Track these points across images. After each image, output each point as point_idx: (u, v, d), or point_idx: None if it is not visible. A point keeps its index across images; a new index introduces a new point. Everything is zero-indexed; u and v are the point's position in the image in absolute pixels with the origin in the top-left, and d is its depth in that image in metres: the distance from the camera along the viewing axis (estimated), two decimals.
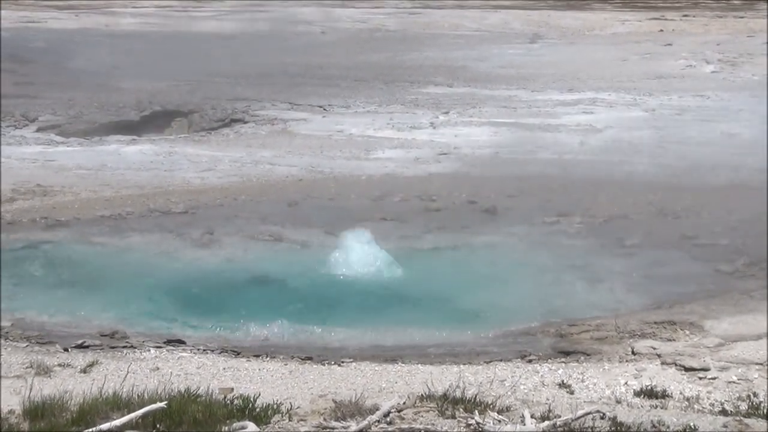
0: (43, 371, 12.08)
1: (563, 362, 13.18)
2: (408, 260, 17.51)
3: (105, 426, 8.80)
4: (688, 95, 35.55)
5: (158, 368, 12.59)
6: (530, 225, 19.64)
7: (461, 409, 9.77)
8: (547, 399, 11.36)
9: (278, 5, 70.30)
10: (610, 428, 9.46)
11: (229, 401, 9.79)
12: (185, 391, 9.92)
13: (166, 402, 9.26)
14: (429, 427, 9.35)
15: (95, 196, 22.00)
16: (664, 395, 11.75)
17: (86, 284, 16.61)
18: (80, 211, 20.68)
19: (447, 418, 9.62)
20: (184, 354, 13.24)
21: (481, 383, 11.62)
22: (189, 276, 17.17)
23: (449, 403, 9.94)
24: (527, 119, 31.33)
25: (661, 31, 57.21)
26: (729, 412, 10.77)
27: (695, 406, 11.44)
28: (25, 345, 13.43)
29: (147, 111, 31.98)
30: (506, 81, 39.20)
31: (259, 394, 10.10)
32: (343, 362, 13.03)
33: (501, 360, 13.28)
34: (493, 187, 22.58)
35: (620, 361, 13.22)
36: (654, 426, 9.60)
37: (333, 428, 9.38)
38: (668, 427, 9.62)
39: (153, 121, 31.05)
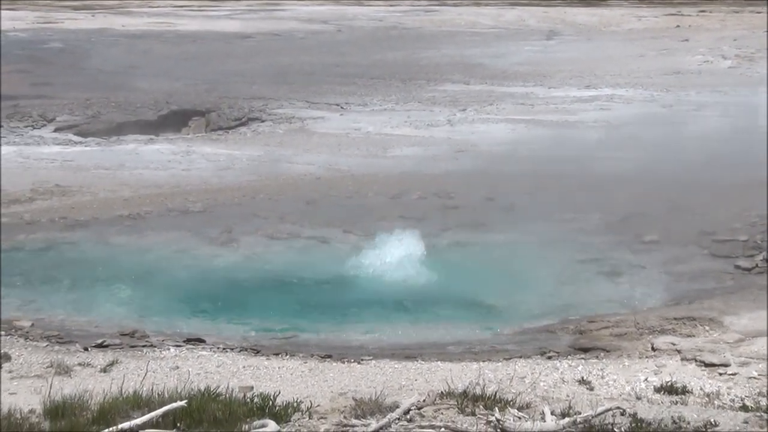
0: (64, 371, 12.12)
1: (583, 359, 13.16)
2: (426, 258, 17.49)
3: (125, 425, 8.83)
4: (706, 91, 35.43)
5: (178, 367, 12.61)
6: (548, 222, 19.56)
7: (481, 406, 9.77)
8: (568, 396, 11.34)
9: (294, 4, 70.40)
10: (631, 424, 9.44)
11: (249, 399, 9.81)
12: (205, 389, 9.95)
13: (186, 401, 9.30)
14: (449, 424, 9.35)
15: (113, 195, 22.05)
16: (684, 391, 11.72)
17: (105, 284, 16.66)
18: (99, 211, 20.74)
19: (467, 415, 9.63)
20: (203, 353, 13.27)
21: (501, 380, 11.60)
22: (208, 275, 17.21)
23: (469, 400, 9.94)
24: (544, 116, 31.27)
25: (678, 26, 57.05)
26: (750, 408, 10.75)
27: (716, 402, 11.42)
28: (45, 345, 13.48)
29: (164, 110, 32.00)
30: (523, 78, 39.13)
31: (279, 392, 10.11)
32: (362, 360, 13.03)
33: (521, 357, 13.26)
34: (510, 184, 22.51)
35: (640, 357, 13.19)
36: (674, 422, 9.57)
37: (353, 426, 9.38)
38: (689, 423, 9.59)
39: (170, 121, 31.06)
